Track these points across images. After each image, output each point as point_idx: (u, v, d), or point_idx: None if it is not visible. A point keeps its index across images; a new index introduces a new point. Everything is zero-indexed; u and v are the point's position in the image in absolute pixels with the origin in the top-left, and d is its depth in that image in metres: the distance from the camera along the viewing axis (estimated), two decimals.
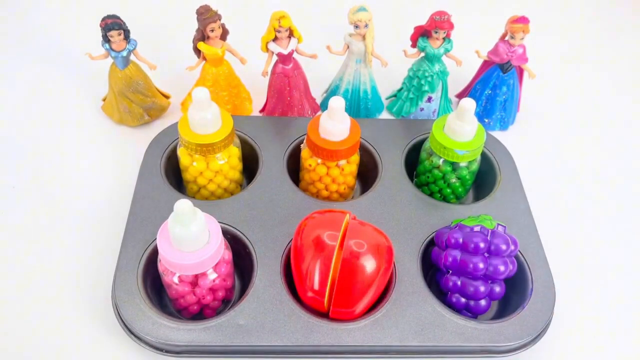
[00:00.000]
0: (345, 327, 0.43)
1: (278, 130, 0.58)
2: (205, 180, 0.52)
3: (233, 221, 0.50)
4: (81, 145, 0.62)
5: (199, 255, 0.40)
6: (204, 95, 0.47)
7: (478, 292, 0.45)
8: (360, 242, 0.43)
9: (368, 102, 0.66)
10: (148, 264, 0.47)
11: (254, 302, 0.44)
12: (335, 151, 0.50)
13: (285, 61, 0.59)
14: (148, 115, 0.64)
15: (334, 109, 0.48)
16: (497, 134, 0.66)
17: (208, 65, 0.60)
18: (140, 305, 0.44)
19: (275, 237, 0.49)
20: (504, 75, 0.63)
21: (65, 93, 0.68)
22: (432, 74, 0.62)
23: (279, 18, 0.55)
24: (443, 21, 0.57)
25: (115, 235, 0.51)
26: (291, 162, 0.56)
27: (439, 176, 0.54)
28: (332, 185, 0.54)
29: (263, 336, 0.43)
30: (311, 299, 0.43)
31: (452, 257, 0.46)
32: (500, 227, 0.46)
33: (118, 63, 0.59)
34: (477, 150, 0.52)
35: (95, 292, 0.49)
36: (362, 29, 0.58)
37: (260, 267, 0.47)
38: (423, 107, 0.65)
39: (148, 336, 0.42)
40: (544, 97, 0.72)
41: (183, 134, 0.49)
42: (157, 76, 0.63)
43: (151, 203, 0.51)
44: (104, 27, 0.55)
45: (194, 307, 0.46)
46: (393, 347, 0.44)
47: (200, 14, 0.55)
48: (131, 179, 0.55)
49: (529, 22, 0.58)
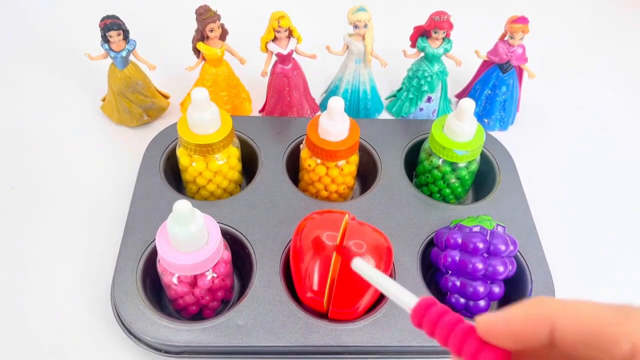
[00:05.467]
0: (344, 327, 0.43)
1: (277, 130, 0.58)
2: (204, 180, 0.52)
3: (232, 221, 0.50)
4: (80, 146, 0.62)
5: (198, 255, 0.40)
6: (203, 96, 0.47)
7: (477, 293, 0.45)
8: (360, 243, 0.43)
9: (367, 102, 0.66)
10: (147, 265, 0.47)
11: (253, 302, 0.44)
12: (334, 151, 0.50)
13: (285, 61, 0.59)
14: (147, 115, 0.64)
15: (333, 109, 0.48)
16: (496, 134, 0.66)
17: (207, 65, 0.60)
18: (139, 306, 0.44)
19: (275, 237, 0.49)
20: (504, 75, 0.63)
21: (64, 93, 0.68)
22: (431, 74, 0.62)
23: (278, 18, 0.55)
24: (442, 21, 0.57)
25: (114, 235, 0.51)
26: (290, 162, 0.56)
27: (439, 176, 0.54)
28: (332, 186, 0.54)
29: (262, 336, 0.43)
30: (310, 299, 0.43)
31: (452, 258, 0.46)
32: (499, 228, 0.46)
33: (117, 63, 0.59)
34: (476, 151, 0.52)
35: (95, 293, 0.49)
36: (362, 29, 0.58)
37: (259, 267, 0.47)
38: (422, 107, 0.65)
39: (147, 336, 0.42)
40: (543, 97, 0.72)
41: (182, 134, 0.49)
42: (157, 76, 0.63)
43: (150, 203, 0.51)
44: (103, 28, 0.55)
45: (193, 308, 0.46)
46: (392, 348, 0.44)
47: (200, 14, 0.55)
48: (130, 179, 0.55)
49: (528, 22, 0.58)
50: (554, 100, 0.73)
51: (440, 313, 0.22)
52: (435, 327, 0.21)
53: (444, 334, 0.21)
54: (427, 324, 0.22)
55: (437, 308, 0.22)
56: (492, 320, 0.20)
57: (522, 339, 0.19)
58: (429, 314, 0.22)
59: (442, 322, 0.21)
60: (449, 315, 0.21)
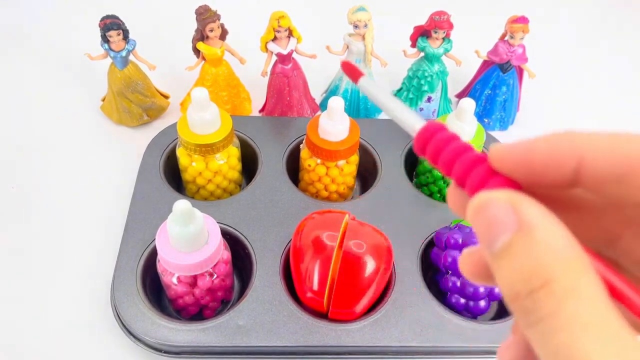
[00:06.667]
0: (344, 327, 0.43)
1: (277, 130, 0.58)
2: (204, 180, 0.52)
3: (232, 221, 0.50)
4: (80, 146, 0.62)
5: (197, 255, 0.40)
6: (203, 96, 0.47)
7: (477, 293, 0.45)
8: (360, 243, 0.42)
9: (367, 102, 0.66)
10: (147, 265, 0.47)
11: (253, 302, 0.44)
12: (334, 151, 0.50)
13: (285, 61, 0.59)
14: (147, 115, 0.64)
15: (333, 109, 0.48)
16: (496, 134, 0.66)
17: (207, 65, 0.60)
18: (139, 306, 0.44)
19: (275, 237, 0.49)
20: (504, 75, 0.63)
21: (64, 93, 0.68)
22: (431, 74, 0.62)
23: (278, 18, 0.54)
24: (442, 21, 0.57)
25: (114, 235, 0.51)
26: (290, 162, 0.56)
27: (439, 176, 0.54)
28: (332, 186, 0.54)
29: (262, 337, 0.43)
30: (310, 299, 0.43)
31: (452, 258, 0.46)
32: None
33: (117, 63, 0.59)
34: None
35: (94, 293, 0.49)
36: (362, 29, 0.57)
37: (259, 267, 0.47)
38: (423, 107, 0.65)
39: (147, 337, 0.42)
40: (543, 97, 0.72)
41: (182, 134, 0.49)
42: (157, 76, 0.63)
43: (150, 203, 0.51)
44: (103, 27, 0.55)
45: (193, 308, 0.46)
46: (392, 348, 0.44)
47: (200, 14, 0.55)
48: (130, 179, 0.55)
49: (528, 22, 0.58)
50: (554, 100, 0.72)
51: (447, 139, 0.19)
52: (439, 153, 0.19)
53: (448, 159, 0.18)
54: (431, 149, 0.19)
55: (445, 133, 0.19)
56: (510, 148, 0.17)
57: (543, 172, 0.17)
58: (435, 138, 0.19)
59: (448, 148, 0.19)
60: (457, 141, 0.19)
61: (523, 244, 0.15)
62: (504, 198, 0.16)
